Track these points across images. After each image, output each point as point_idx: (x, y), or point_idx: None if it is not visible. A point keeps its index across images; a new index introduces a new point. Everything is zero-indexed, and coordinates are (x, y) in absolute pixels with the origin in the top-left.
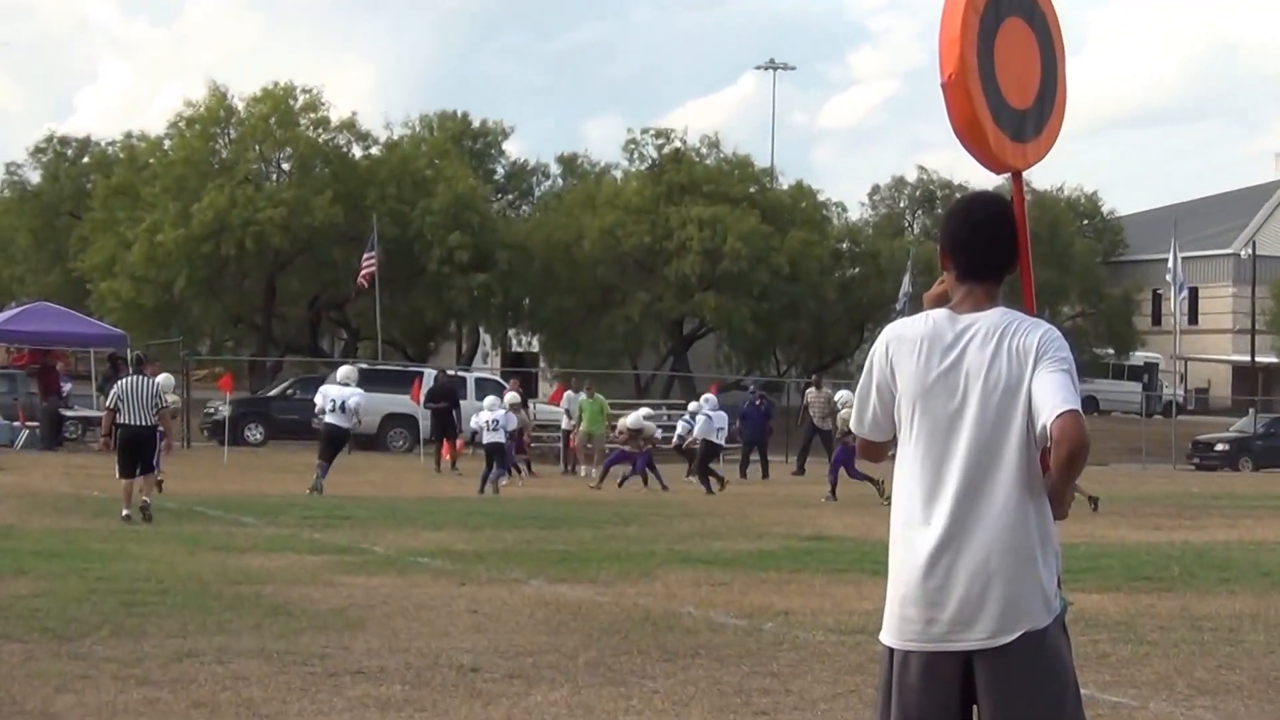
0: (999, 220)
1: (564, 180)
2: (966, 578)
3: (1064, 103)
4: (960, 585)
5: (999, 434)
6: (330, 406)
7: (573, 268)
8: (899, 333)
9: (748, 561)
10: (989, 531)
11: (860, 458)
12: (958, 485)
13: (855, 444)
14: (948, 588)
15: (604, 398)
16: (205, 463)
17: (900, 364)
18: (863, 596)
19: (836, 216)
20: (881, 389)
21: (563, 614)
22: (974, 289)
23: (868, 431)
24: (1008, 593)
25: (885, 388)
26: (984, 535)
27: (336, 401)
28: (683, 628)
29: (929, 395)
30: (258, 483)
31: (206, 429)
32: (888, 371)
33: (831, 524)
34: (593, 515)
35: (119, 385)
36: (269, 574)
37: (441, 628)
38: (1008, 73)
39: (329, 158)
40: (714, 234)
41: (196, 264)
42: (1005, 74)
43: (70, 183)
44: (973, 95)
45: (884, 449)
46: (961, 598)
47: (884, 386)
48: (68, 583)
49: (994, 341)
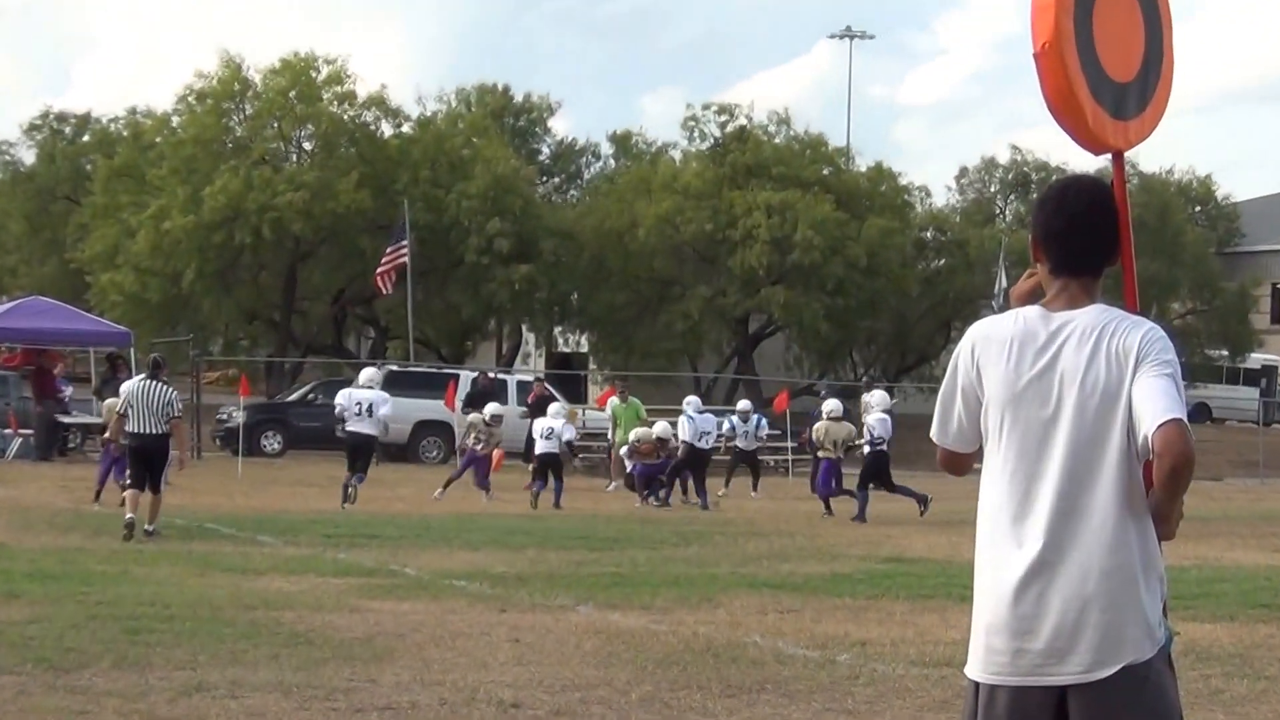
0: (1098, 207)
1: (616, 161)
2: (1060, 604)
3: (1171, 75)
4: (1054, 613)
5: (1096, 445)
6: (356, 410)
7: (626, 259)
8: (986, 332)
9: (820, 586)
10: (1086, 553)
11: (942, 467)
12: (1051, 502)
13: (836, 458)
14: (1040, 615)
15: (639, 401)
16: (217, 474)
17: (988, 367)
18: (948, 625)
19: (920, 202)
20: (967, 394)
21: (614, 644)
22: (1069, 284)
23: (951, 442)
24: (1107, 621)
25: (971, 393)
26: (1080, 557)
27: (362, 405)
28: (747, 659)
29: (1019, 402)
30: (275, 497)
31: (219, 437)
32: (974, 375)
33: (913, 544)
34: (648, 534)
35: (128, 388)
36: (288, 599)
37: (480, 659)
38: (1108, 42)
39: (355, 136)
40: (783, 221)
41: (208, 254)
42: (1105, 43)
43: (67, 163)
44: (1068, 67)
45: (968, 462)
46: (1055, 626)
47: (970, 392)
48: (65, 608)
49: (1091, 342)
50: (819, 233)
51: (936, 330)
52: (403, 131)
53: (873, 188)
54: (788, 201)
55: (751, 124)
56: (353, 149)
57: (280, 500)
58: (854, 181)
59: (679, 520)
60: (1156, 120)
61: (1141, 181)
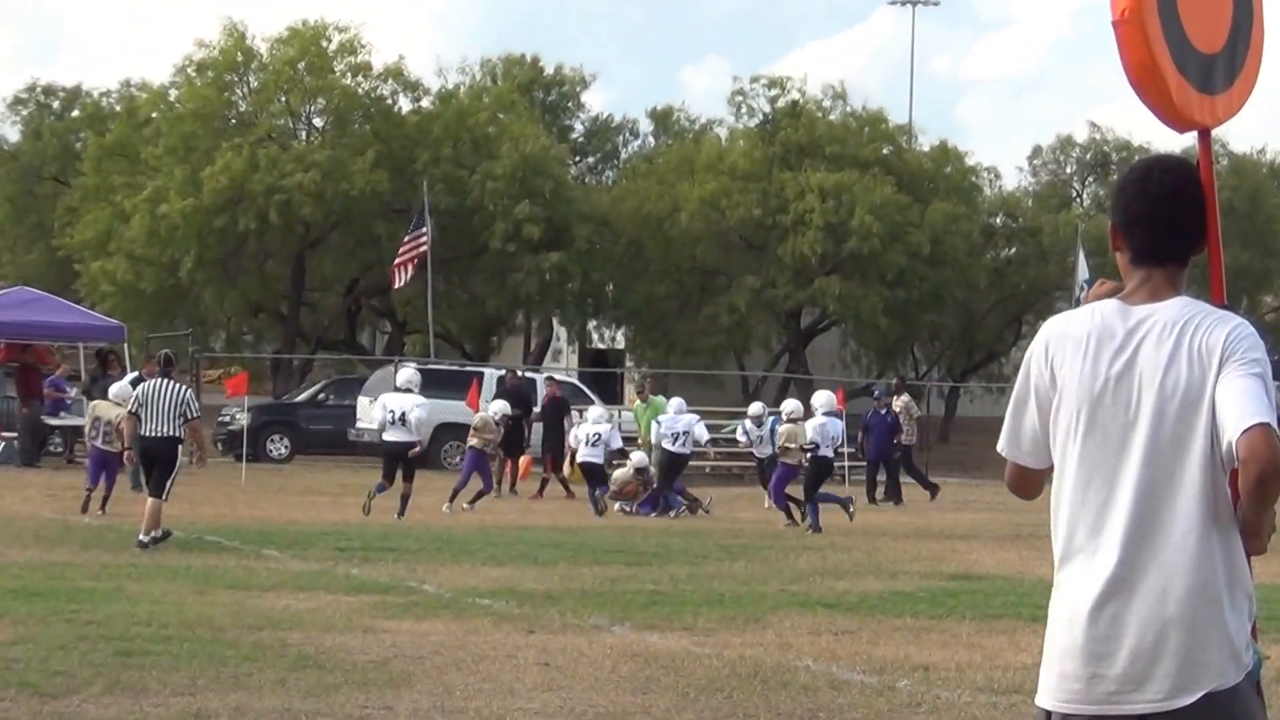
0: (1184, 191)
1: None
2: (1138, 626)
3: (1262, 45)
4: (1131, 635)
5: (1177, 452)
6: (390, 419)
7: (666, 246)
8: (1061, 329)
9: (879, 605)
10: (1165, 570)
11: (1010, 488)
12: (1127, 515)
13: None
14: (1115, 638)
15: (663, 400)
16: (219, 482)
17: (1063, 367)
18: (1019, 648)
19: (989, 185)
20: (1042, 399)
21: (652, 668)
22: (1152, 274)
23: (1024, 455)
24: (1188, 644)
25: (1046, 397)
26: (1159, 575)
27: (395, 413)
28: (799, 685)
29: (1097, 405)
30: (282, 507)
31: (221, 441)
32: (1047, 378)
33: (981, 559)
34: (690, 548)
35: (141, 388)
36: (296, 618)
37: (506, 684)
38: (1193, 9)
39: (370, 112)
40: (838, 205)
41: (208, 241)
42: (1190, 10)
43: (55, 141)
44: (1150, 37)
45: (1039, 480)
46: (1132, 650)
47: (1044, 397)
48: (52, 628)
49: (1172, 339)
50: (878, 218)
51: (1006, 325)
52: (422, 107)
53: (937, 169)
54: (844, 184)
55: (804, 99)
56: (367, 126)
57: (287, 510)
58: (916, 162)
59: (723, 533)
60: (1246, 95)
61: (1231, 162)
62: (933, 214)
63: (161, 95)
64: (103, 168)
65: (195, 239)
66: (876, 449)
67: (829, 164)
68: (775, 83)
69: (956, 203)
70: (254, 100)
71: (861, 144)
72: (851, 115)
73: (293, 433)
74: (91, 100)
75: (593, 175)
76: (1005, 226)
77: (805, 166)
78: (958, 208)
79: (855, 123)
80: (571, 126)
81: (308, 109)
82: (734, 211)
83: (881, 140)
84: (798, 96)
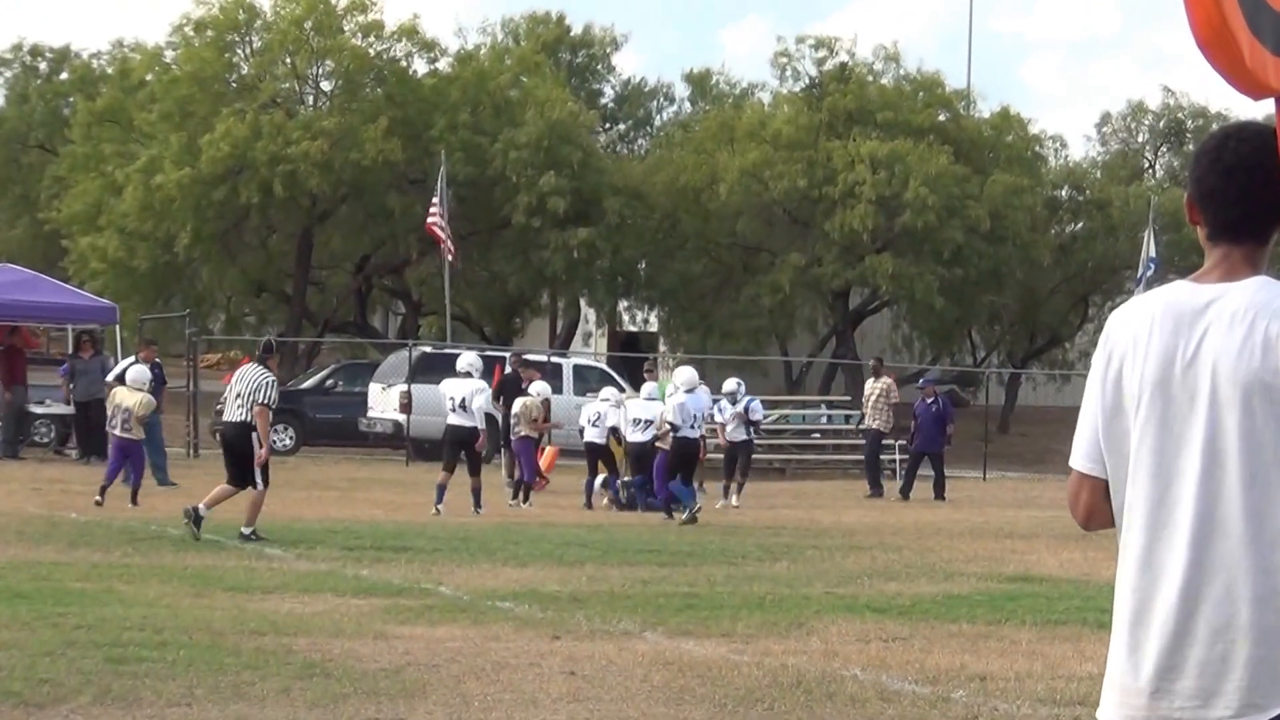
0: (1262, 162)
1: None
2: (1206, 637)
3: None
4: (1198, 646)
5: (1244, 448)
6: (451, 405)
7: (704, 221)
8: (1125, 316)
9: (931, 609)
10: (1233, 574)
11: (1071, 509)
12: (1194, 515)
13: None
14: (1181, 649)
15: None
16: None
17: (1127, 356)
18: (1084, 657)
19: (1053, 155)
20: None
21: (687, 677)
22: (1230, 253)
23: (1098, 465)
24: (1260, 656)
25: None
26: (1226, 579)
27: (456, 400)
28: (846, 695)
29: (1159, 395)
30: (286, 502)
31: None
32: (1115, 371)
33: (1043, 560)
34: (728, 547)
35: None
36: (301, 623)
37: (529, 694)
38: None
39: (382, 75)
40: (891, 177)
41: (206, 214)
42: None
43: (43, 105)
44: None
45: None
46: (1200, 662)
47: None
48: (38, 633)
49: (1245, 324)
50: (933, 190)
51: (1071, 307)
52: (439, 69)
53: (997, 137)
54: (896, 153)
55: (854, 61)
56: (379, 90)
57: (292, 506)
58: (975, 130)
59: (764, 531)
60: None
61: None
62: (993, 186)
63: (157, 56)
64: (93, 135)
65: (192, 212)
66: (923, 441)
67: (880, 132)
68: (822, 43)
69: (1018, 174)
70: (257, 62)
71: (916, 110)
72: (905, 79)
73: (298, 422)
74: (81, 62)
75: (624, 144)
76: (1071, 200)
77: (855, 135)
78: (1020, 179)
79: (909, 87)
80: (601, 91)
81: (315, 71)
82: (777, 183)
83: (937, 106)
84: (846, 59)
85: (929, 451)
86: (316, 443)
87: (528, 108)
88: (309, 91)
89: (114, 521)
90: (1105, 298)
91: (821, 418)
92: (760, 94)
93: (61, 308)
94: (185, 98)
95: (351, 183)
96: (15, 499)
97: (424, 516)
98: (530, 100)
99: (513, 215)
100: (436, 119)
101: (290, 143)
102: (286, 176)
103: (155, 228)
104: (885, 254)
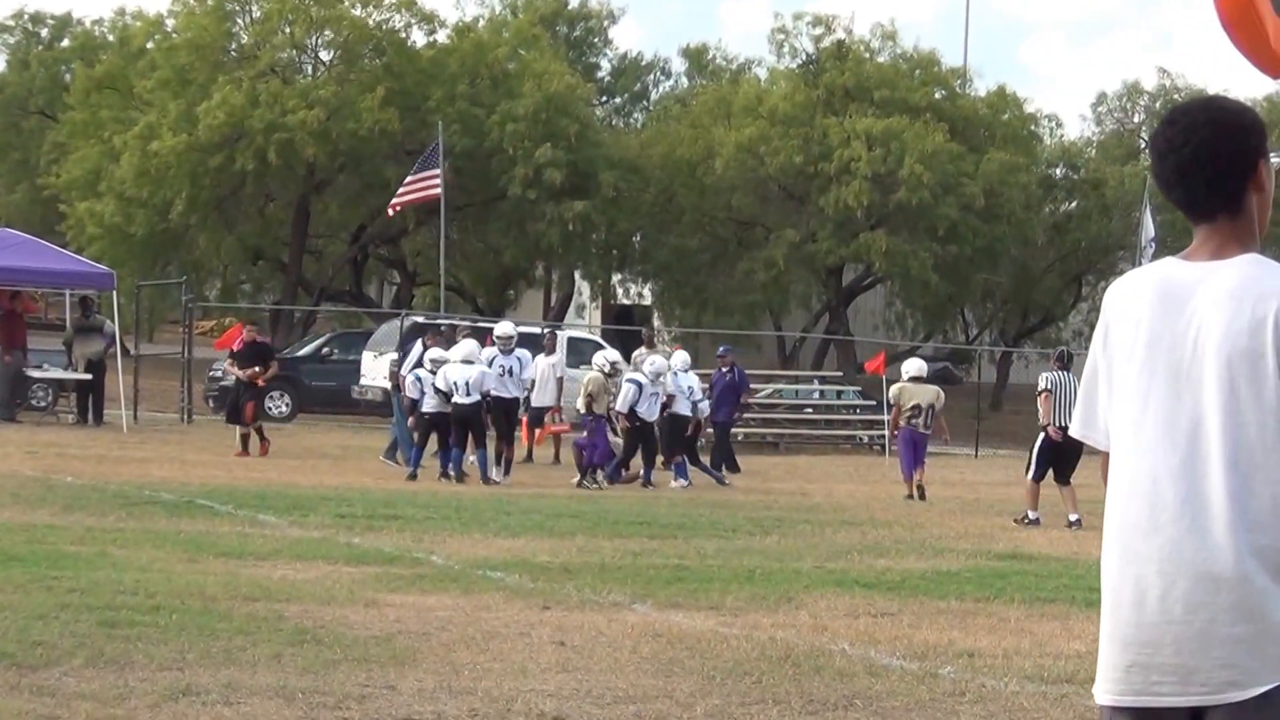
0: (1213, 134)
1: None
2: (1184, 612)
3: None
4: (1178, 621)
5: (1231, 428)
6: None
7: (699, 195)
8: (1119, 293)
9: (921, 585)
10: (1215, 552)
11: (1104, 478)
12: (1177, 491)
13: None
14: (1162, 624)
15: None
16: (211, 442)
17: (1117, 332)
18: (1072, 635)
19: (1049, 133)
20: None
21: (676, 649)
22: (1210, 231)
23: (1101, 436)
24: (1242, 633)
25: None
26: (1207, 556)
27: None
28: (834, 670)
29: (1149, 371)
30: (280, 470)
31: (212, 397)
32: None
33: (1033, 538)
34: (719, 520)
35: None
36: (293, 589)
37: (518, 664)
38: None
39: (381, 45)
40: (886, 154)
41: (203, 181)
42: None
43: (43, 72)
44: None
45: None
46: (1178, 637)
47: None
48: (31, 596)
49: (1233, 302)
50: (928, 168)
51: (1065, 286)
52: (437, 40)
53: (993, 116)
54: (892, 130)
55: (851, 38)
56: (378, 60)
57: (286, 473)
58: (971, 108)
59: (755, 505)
60: None
61: None
62: (988, 164)
63: (157, 24)
64: (92, 101)
65: (189, 179)
66: (714, 411)
67: (877, 109)
68: (820, 20)
69: (1014, 152)
70: (255, 31)
71: (912, 88)
72: (902, 57)
73: (293, 389)
74: (82, 28)
75: (620, 117)
76: (1066, 178)
77: (851, 111)
78: (1015, 158)
79: (906, 65)
80: (598, 64)
81: (314, 41)
82: (773, 159)
83: (934, 84)
84: (844, 35)
85: (716, 420)
86: (312, 410)
87: (525, 80)
88: (307, 61)
89: (108, 486)
90: (1099, 277)
91: (814, 393)
92: (757, 69)
93: (60, 273)
94: (183, 65)
95: (349, 152)
96: (11, 462)
97: (413, 485)
98: (528, 73)
99: (509, 187)
100: (434, 90)
101: (287, 112)
102: (283, 145)
103: (152, 194)
104: (880, 230)
